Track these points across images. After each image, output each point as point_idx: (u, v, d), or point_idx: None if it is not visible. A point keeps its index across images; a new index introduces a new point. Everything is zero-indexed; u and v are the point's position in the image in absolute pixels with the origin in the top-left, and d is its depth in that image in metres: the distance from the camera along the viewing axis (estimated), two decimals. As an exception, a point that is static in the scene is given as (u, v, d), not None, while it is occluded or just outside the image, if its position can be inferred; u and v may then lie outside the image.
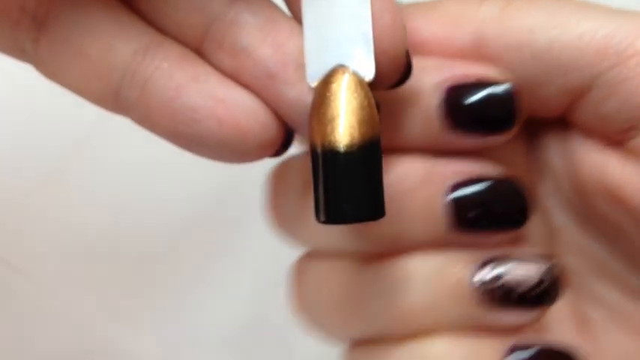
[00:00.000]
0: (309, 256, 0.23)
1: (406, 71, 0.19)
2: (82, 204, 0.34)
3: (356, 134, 0.17)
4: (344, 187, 0.17)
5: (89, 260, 0.33)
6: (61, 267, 0.32)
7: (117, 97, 0.19)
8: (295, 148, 0.21)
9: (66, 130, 0.20)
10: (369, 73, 0.18)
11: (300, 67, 0.18)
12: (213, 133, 0.19)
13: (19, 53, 0.20)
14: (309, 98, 0.18)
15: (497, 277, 0.20)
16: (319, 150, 0.18)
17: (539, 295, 0.20)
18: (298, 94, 0.19)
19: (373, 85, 0.18)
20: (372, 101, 0.18)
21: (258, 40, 0.19)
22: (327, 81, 0.18)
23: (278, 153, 0.20)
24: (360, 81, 0.18)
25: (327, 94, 0.18)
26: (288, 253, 0.22)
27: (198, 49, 0.19)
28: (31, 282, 0.32)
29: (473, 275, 0.20)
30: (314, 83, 0.18)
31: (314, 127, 0.18)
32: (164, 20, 0.19)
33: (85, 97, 0.20)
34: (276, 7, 0.19)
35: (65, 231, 0.33)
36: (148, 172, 0.33)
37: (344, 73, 0.18)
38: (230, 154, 0.19)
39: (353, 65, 0.18)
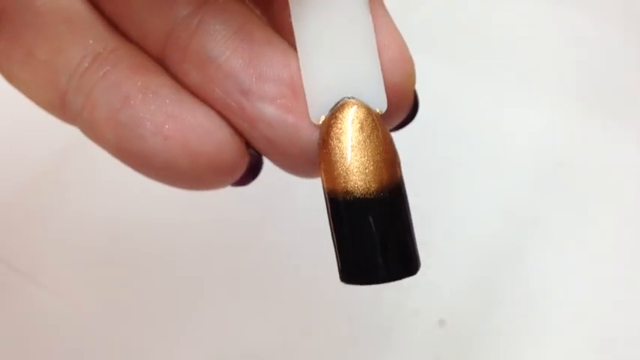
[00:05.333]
0: None
1: (415, 107, 0.17)
2: (83, 204, 0.34)
3: (374, 177, 0.15)
4: (363, 241, 0.15)
5: (90, 260, 0.33)
6: (62, 267, 0.32)
7: (64, 104, 0.18)
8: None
9: (67, 128, 0.20)
10: (381, 105, 0.16)
11: (278, 80, 0.16)
12: (158, 153, 0.16)
13: None
14: (290, 118, 0.16)
15: None
16: (333, 198, 0.15)
17: None
18: (276, 113, 0.16)
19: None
20: (390, 136, 0.15)
21: (228, 50, 0.16)
22: (335, 117, 0.15)
23: (242, 181, 0.18)
24: (373, 115, 0.15)
25: (337, 132, 0.15)
26: (290, 252, 0.22)
27: (162, 58, 0.17)
28: (31, 282, 0.32)
29: None
30: (319, 120, 0.16)
31: (326, 173, 0.15)
32: (126, 23, 0.18)
33: (35, 102, 0.18)
34: (250, 11, 0.17)
35: (65, 231, 0.33)
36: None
37: (354, 106, 0.15)
38: (180, 178, 0.17)
39: (362, 97, 0.15)
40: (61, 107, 0.18)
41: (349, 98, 0.15)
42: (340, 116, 0.15)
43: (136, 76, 0.17)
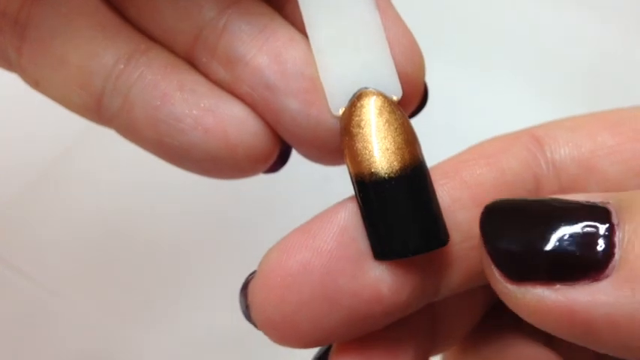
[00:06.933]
0: None
1: (425, 97, 0.18)
2: (83, 204, 0.34)
3: (397, 157, 0.15)
4: (395, 218, 0.15)
5: (89, 260, 0.33)
6: (61, 267, 0.32)
7: (100, 107, 0.18)
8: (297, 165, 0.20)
9: (67, 127, 0.20)
10: (397, 92, 0.16)
11: (301, 76, 0.17)
12: (199, 145, 0.18)
13: (4, 62, 0.19)
14: (313, 111, 0.17)
15: None
16: (360, 181, 0.16)
17: None
18: (300, 107, 0.17)
19: None
20: (408, 121, 0.16)
21: (254, 48, 0.17)
22: (355, 106, 0.16)
23: (273, 168, 0.19)
24: (390, 101, 0.16)
25: (358, 119, 0.16)
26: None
27: (190, 58, 0.18)
28: (31, 282, 0.32)
29: None
30: (339, 111, 0.17)
31: (351, 159, 0.16)
32: (153, 26, 0.18)
33: (68, 107, 0.19)
34: (273, 12, 0.18)
35: (65, 231, 0.33)
36: (150, 171, 0.33)
37: (372, 95, 0.16)
38: (219, 168, 0.18)
39: (378, 87, 0.16)
40: (97, 110, 0.18)
41: (366, 88, 0.16)
42: (359, 105, 0.16)
43: (171, 74, 0.18)
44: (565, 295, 0.13)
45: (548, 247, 0.13)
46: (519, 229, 0.14)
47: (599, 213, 0.13)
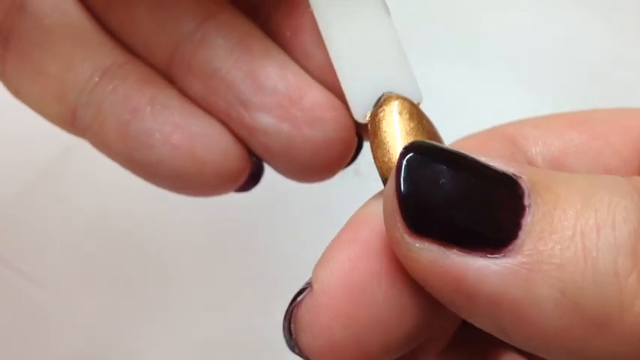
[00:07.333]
0: None
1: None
2: (83, 204, 0.34)
3: None
4: None
5: (89, 260, 0.33)
6: (62, 267, 0.32)
7: (74, 118, 0.18)
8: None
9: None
10: (417, 97, 0.17)
11: (274, 91, 0.17)
12: (167, 161, 0.17)
13: None
14: (285, 127, 0.17)
15: None
16: None
17: None
18: (273, 122, 0.17)
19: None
20: (433, 124, 0.17)
21: (229, 62, 0.17)
22: (382, 110, 0.16)
23: (244, 187, 0.19)
24: (414, 105, 0.16)
25: (386, 123, 0.16)
26: (292, 251, 0.22)
27: (168, 72, 0.18)
28: (31, 282, 0.32)
29: None
30: (365, 118, 0.17)
31: (379, 162, 0.16)
32: (133, 39, 0.18)
33: (45, 117, 0.19)
34: (251, 26, 0.18)
35: (65, 231, 0.33)
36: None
37: (395, 99, 0.16)
38: (187, 185, 0.18)
39: (399, 91, 0.17)
40: (72, 121, 0.18)
41: (390, 93, 0.16)
42: (387, 109, 0.16)
43: (144, 89, 0.18)
44: (458, 260, 0.13)
45: (457, 211, 0.13)
46: (434, 180, 0.13)
47: (515, 190, 0.13)
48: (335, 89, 0.17)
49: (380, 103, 0.16)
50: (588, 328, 0.12)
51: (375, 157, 0.16)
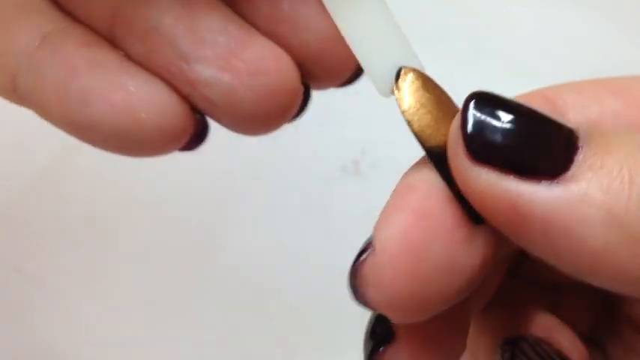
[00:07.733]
0: None
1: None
2: (83, 204, 0.34)
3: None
4: None
5: (90, 260, 0.33)
6: (61, 267, 0.32)
7: (15, 86, 0.18)
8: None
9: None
10: (422, 68, 0.18)
11: (214, 43, 0.17)
12: (106, 120, 0.17)
13: None
14: (226, 77, 0.17)
15: None
16: (437, 152, 0.17)
17: None
18: (213, 73, 0.17)
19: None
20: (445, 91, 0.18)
21: (169, 19, 0.17)
22: (408, 84, 0.18)
23: (189, 146, 0.19)
24: (425, 74, 0.18)
25: (414, 91, 0.17)
26: (292, 251, 0.22)
27: (111, 36, 0.18)
28: (31, 282, 0.32)
29: None
30: (391, 91, 0.18)
31: (420, 134, 0.17)
32: (73, 4, 0.18)
33: None
34: None
35: (65, 231, 0.33)
36: (150, 171, 0.33)
37: (410, 71, 0.18)
38: (129, 145, 0.18)
39: (410, 65, 0.18)
40: (13, 90, 0.18)
41: (405, 66, 0.18)
42: (408, 79, 0.18)
43: (83, 51, 0.17)
44: (514, 185, 0.14)
45: (516, 147, 0.15)
46: (496, 121, 0.15)
47: (569, 134, 0.15)
48: (283, 41, 0.18)
49: (403, 75, 0.18)
50: (632, 246, 0.14)
51: (410, 124, 0.17)
